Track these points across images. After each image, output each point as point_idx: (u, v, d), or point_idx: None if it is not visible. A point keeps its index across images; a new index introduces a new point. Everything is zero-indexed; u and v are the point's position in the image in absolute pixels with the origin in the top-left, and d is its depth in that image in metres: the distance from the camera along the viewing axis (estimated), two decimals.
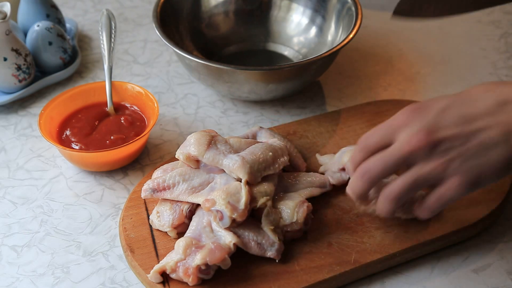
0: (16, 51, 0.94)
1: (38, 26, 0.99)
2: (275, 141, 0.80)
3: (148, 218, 0.76)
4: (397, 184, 0.63)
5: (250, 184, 0.72)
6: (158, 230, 0.75)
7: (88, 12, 1.21)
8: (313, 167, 0.84)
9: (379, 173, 0.63)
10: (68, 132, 0.87)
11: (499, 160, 0.61)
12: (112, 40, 0.95)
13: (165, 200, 0.76)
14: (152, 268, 0.69)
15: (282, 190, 0.77)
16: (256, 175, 0.73)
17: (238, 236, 0.71)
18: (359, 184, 0.65)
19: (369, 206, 0.71)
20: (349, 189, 0.67)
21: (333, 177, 0.79)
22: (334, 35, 1.01)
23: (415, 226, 0.74)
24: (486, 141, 0.60)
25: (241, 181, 0.72)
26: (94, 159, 0.83)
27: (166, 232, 0.75)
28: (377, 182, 0.64)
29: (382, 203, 0.64)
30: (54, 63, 1.01)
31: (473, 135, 0.61)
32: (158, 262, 0.71)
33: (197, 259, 0.68)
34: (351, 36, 0.91)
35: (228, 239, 0.70)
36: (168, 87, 1.02)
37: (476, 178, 0.61)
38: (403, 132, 0.62)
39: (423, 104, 0.63)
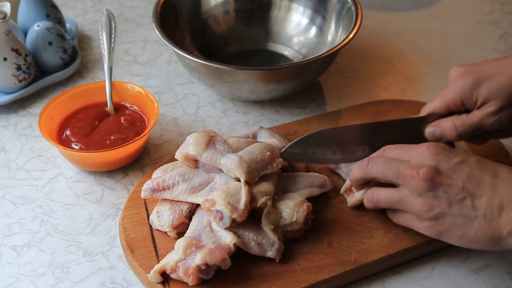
0: (16, 51, 0.94)
1: (38, 26, 0.99)
2: (274, 141, 0.80)
3: (148, 218, 0.76)
4: (381, 195, 0.71)
5: (249, 184, 0.72)
6: (158, 230, 0.75)
7: (88, 12, 1.21)
8: (313, 167, 0.84)
9: (376, 176, 0.71)
10: (68, 132, 0.87)
11: (475, 233, 0.65)
12: (112, 40, 0.95)
13: (165, 200, 0.76)
14: (152, 268, 0.69)
15: (282, 190, 0.77)
16: (254, 174, 0.73)
17: (238, 236, 0.70)
18: (358, 174, 0.73)
19: (352, 195, 0.77)
20: (351, 174, 0.74)
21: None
22: (334, 35, 1.01)
23: None
24: (470, 210, 0.65)
25: (239, 181, 0.72)
26: (94, 159, 0.83)
27: (166, 232, 0.75)
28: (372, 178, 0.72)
29: (366, 201, 0.74)
30: (54, 63, 1.01)
31: (469, 196, 0.65)
32: (158, 262, 0.71)
33: (197, 259, 0.68)
34: (351, 36, 0.91)
35: (228, 239, 0.70)
36: (168, 87, 1.02)
37: (445, 233, 0.66)
38: (418, 158, 0.68)
39: (448, 152, 0.67)
